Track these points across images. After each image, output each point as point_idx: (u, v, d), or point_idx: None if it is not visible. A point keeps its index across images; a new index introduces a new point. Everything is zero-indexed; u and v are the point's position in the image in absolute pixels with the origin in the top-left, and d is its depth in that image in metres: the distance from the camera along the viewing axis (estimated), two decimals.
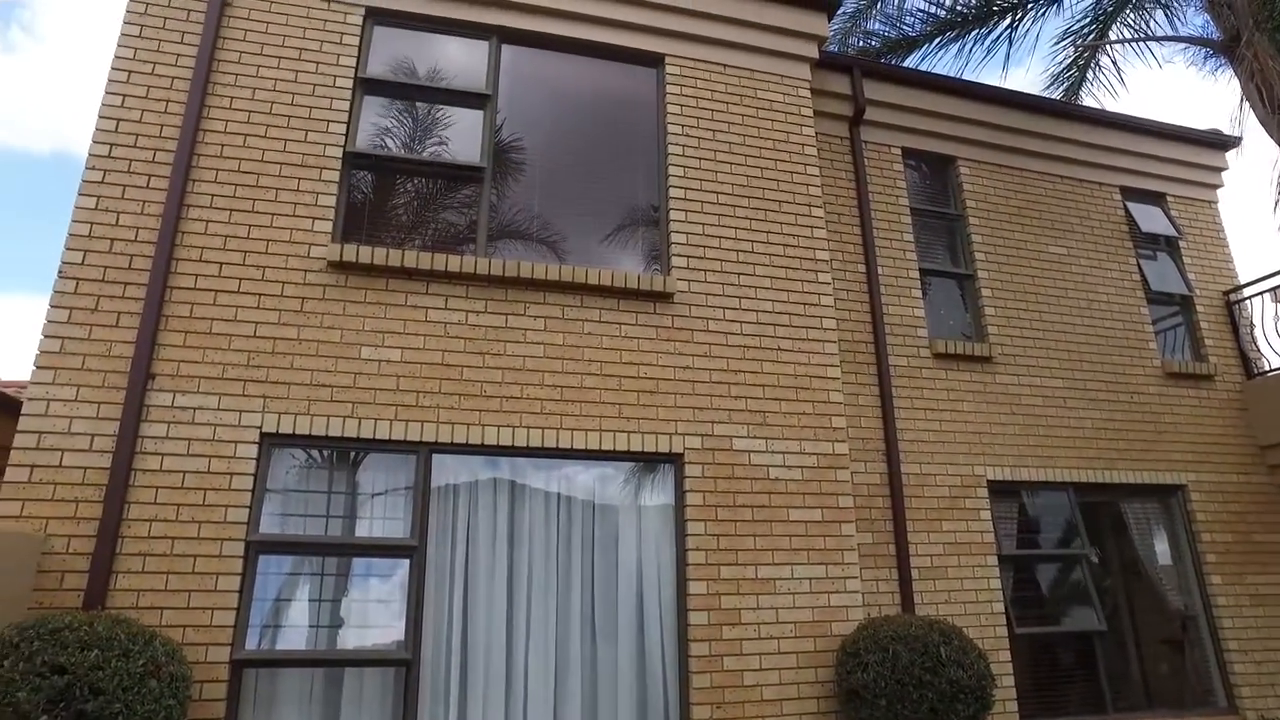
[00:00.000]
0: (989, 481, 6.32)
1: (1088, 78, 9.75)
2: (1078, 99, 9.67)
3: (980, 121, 7.45)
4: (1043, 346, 6.96)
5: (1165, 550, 6.93)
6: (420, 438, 4.64)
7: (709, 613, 4.78)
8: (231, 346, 4.55)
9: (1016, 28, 9.29)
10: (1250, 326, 7.78)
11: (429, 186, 5.59)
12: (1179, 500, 6.95)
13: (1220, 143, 8.48)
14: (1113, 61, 9.69)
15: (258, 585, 4.28)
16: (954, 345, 6.59)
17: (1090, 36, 9.26)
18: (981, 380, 6.63)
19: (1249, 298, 7.84)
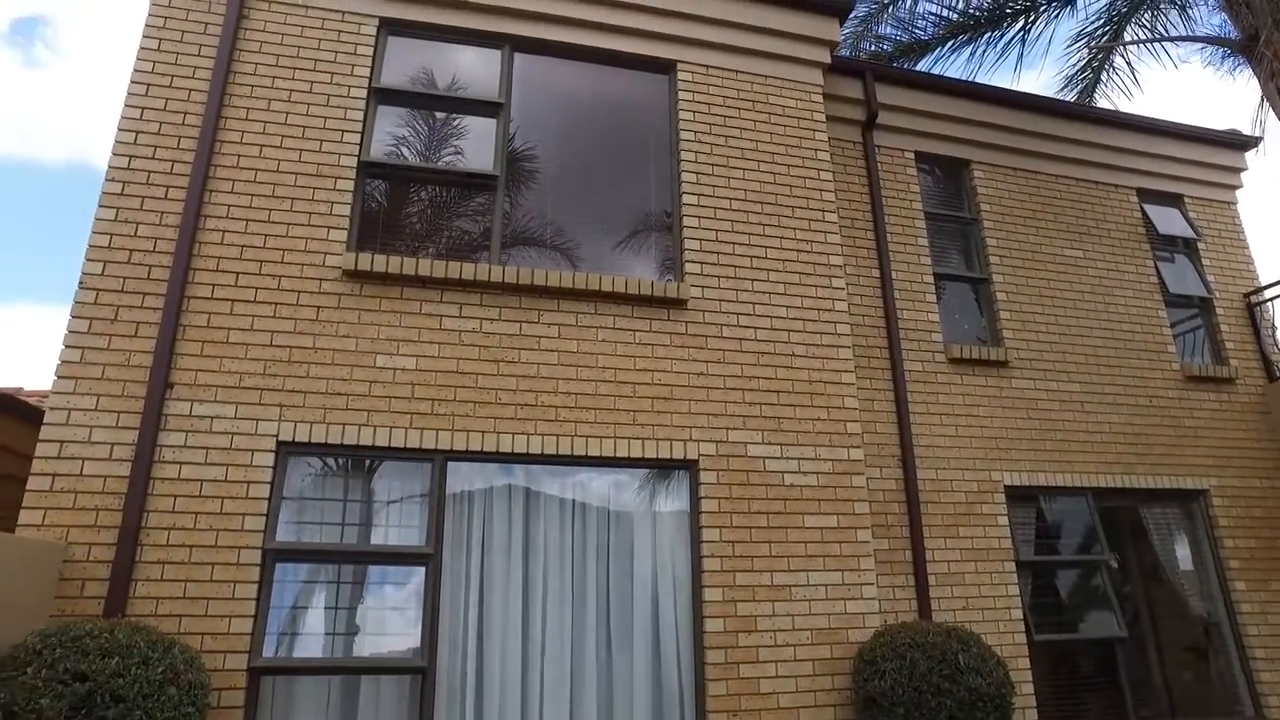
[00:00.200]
0: (1006, 487, 6.26)
1: (1102, 79, 9.69)
2: (1092, 101, 9.60)
3: (994, 125, 7.42)
4: (1059, 350, 6.90)
5: (1187, 555, 6.85)
6: (435, 445, 4.66)
7: (725, 620, 4.76)
8: (248, 355, 4.58)
9: (1029, 30, 9.24)
10: (1272, 329, 7.69)
11: (443, 195, 5.62)
12: (1200, 505, 6.86)
13: (1239, 143, 8.39)
14: (1127, 63, 9.62)
15: (274, 593, 4.30)
16: (969, 350, 6.55)
17: (1104, 38, 9.20)
18: (997, 385, 6.58)
19: (1270, 299, 7.75)
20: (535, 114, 5.76)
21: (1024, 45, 9.31)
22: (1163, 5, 9.01)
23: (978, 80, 9.18)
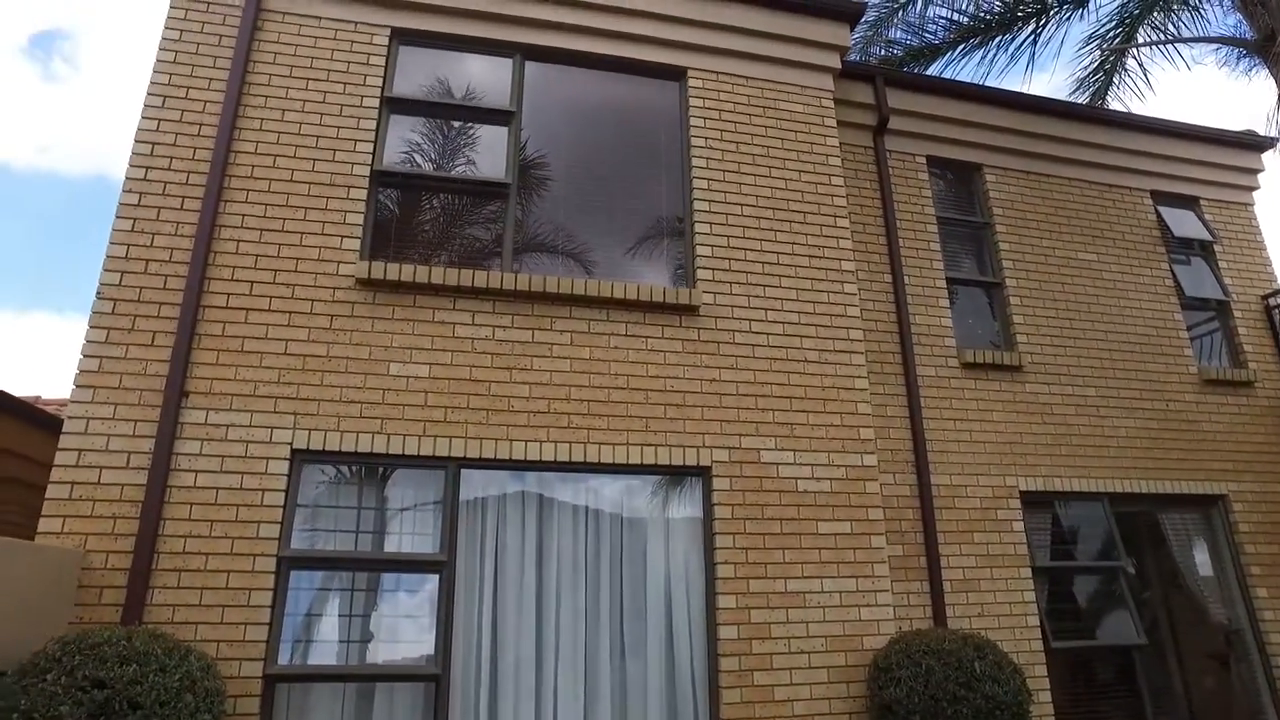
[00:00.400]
0: (1021, 492, 6.21)
1: (1114, 81, 9.66)
2: (1104, 103, 9.56)
3: (1006, 128, 7.38)
4: (1074, 354, 6.84)
5: (1206, 562, 6.77)
6: (449, 453, 4.67)
7: (738, 627, 4.74)
8: (263, 364, 4.61)
9: (1041, 33, 9.22)
10: None
11: (455, 203, 5.65)
12: (1220, 511, 6.78)
13: (1255, 144, 8.32)
14: (1139, 64, 9.58)
15: (289, 600, 4.32)
16: (982, 354, 6.51)
17: (1116, 40, 9.16)
18: (1011, 389, 6.53)
19: None
20: (546, 122, 5.78)
21: (1035, 48, 9.30)
22: (1175, 6, 8.97)
23: (989, 84, 9.15)
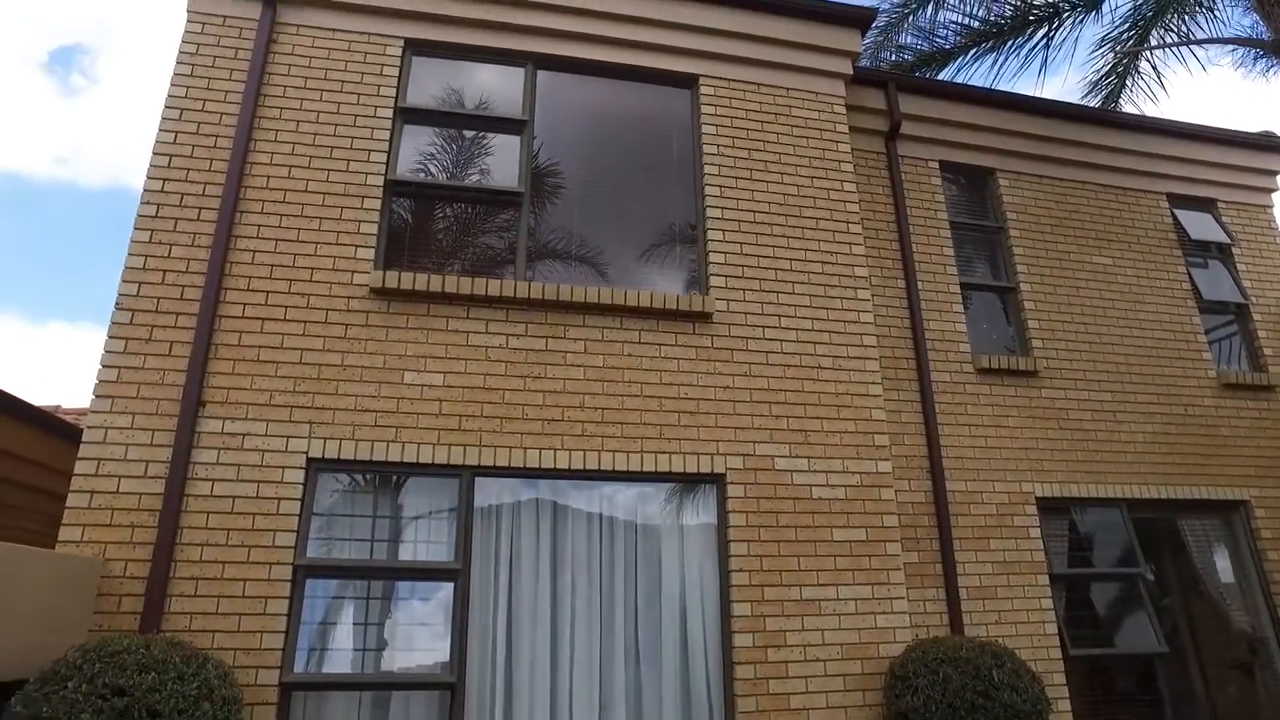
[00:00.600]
0: (1038, 498, 6.16)
1: (1126, 84, 9.57)
2: (1117, 106, 9.48)
3: (1019, 132, 7.35)
4: (1089, 359, 6.79)
5: (1227, 568, 6.68)
6: (463, 461, 4.68)
7: (753, 635, 4.72)
8: (278, 373, 4.64)
9: (1053, 36, 9.15)
10: None
11: (468, 212, 5.68)
12: (1241, 516, 6.70)
13: (1273, 146, 8.22)
14: (1152, 66, 9.50)
15: (305, 608, 4.33)
16: (997, 360, 6.47)
17: (1130, 42, 9.09)
18: (1026, 395, 6.49)
19: None
20: (558, 130, 5.81)
21: (1048, 52, 9.23)
22: (1189, 8, 8.90)
23: (1000, 88, 9.13)
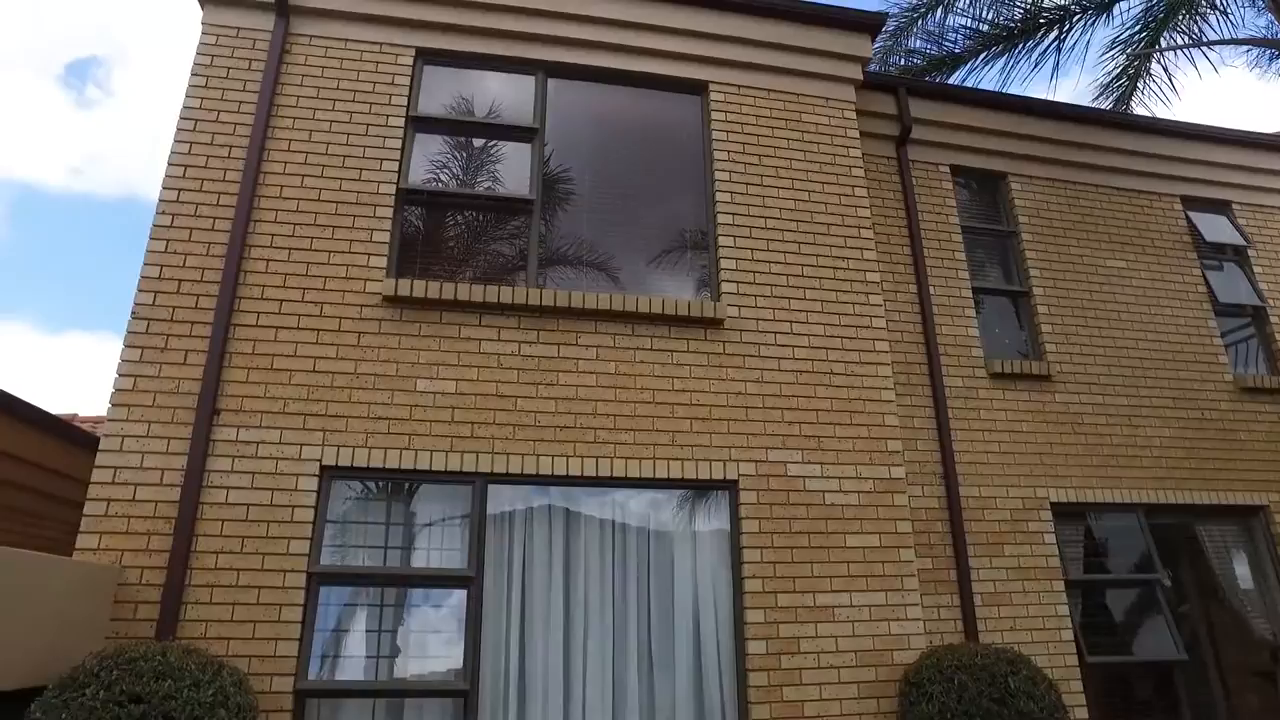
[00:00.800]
0: (1052, 504, 6.11)
1: (1138, 86, 9.53)
2: (1128, 108, 9.44)
3: (1030, 136, 7.32)
4: (1104, 363, 6.74)
5: (1247, 574, 6.60)
6: (476, 469, 4.69)
7: (767, 641, 4.70)
8: (292, 381, 4.67)
9: (1064, 39, 9.13)
10: None
11: (479, 219, 5.70)
12: (1261, 522, 6.62)
13: None
14: (1164, 68, 9.45)
15: (319, 616, 4.35)
16: (1010, 364, 6.43)
17: (1142, 44, 9.05)
18: (1040, 400, 6.45)
19: None
20: (569, 137, 5.83)
21: (1059, 54, 9.20)
22: (1202, 8, 8.85)
23: (1011, 91, 9.10)
